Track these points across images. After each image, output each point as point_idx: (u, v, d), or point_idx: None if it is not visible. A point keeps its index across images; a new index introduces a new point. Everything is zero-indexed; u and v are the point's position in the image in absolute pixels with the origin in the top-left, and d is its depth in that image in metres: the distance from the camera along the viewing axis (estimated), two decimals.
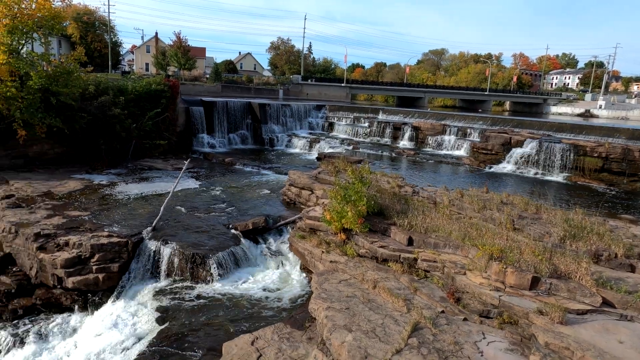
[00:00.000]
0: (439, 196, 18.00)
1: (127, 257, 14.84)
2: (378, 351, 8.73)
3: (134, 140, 29.40)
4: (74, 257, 14.23)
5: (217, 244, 15.85)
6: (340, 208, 14.07)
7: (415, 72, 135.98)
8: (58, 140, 26.22)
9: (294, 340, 10.56)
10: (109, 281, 14.31)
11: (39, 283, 14.67)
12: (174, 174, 25.89)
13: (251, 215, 18.89)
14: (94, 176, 24.35)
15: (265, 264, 16.18)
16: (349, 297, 11.08)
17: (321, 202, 18.82)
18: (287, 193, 21.89)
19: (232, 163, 30.93)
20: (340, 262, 13.61)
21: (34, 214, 17.13)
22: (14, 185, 21.09)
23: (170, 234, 16.13)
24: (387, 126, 41.84)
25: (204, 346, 10.97)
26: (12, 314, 13.93)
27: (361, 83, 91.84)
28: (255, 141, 40.17)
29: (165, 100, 32.39)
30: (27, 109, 22.98)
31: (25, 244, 14.98)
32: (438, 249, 12.98)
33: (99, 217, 17.38)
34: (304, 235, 15.85)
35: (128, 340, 12.03)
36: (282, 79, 76.61)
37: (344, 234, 14.42)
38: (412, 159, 35.14)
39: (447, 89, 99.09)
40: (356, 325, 9.71)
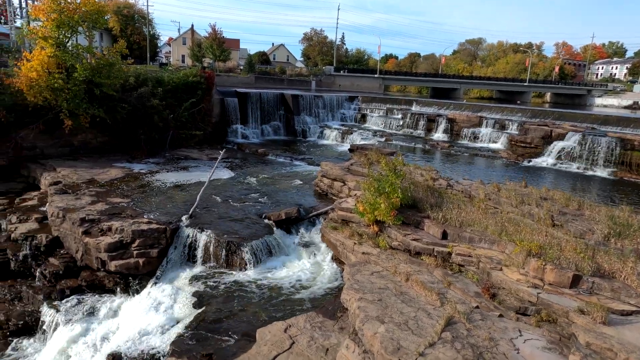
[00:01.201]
0: (474, 190, 17.60)
1: (166, 243, 15.38)
2: (411, 344, 8.71)
3: (171, 131, 30.25)
4: (116, 241, 14.90)
5: (251, 232, 16.17)
6: (374, 200, 14.02)
7: (451, 62, 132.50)
8: (101, 130, 27.35)
9: (326, 329, 10.68)
10: (148, 265, 14.90)
11: (84, 265, 15.45)
12: (209, 163, 26.50)
13: (284, 205, 19.12)
14: (134, 165, 25.27)
15: (298, 253, 16.38)
16: (381, 289, 11.08)
17: (353, 193, 18.81)
18: (319, 184, 21.99)
19: (265, 154, 31.32)
20: (373, 254, 13.61)
21: (80, 200, 18.00)
22: (61, 173, 22.20)
23: (206, 221, 16.58)
24: (421, 118, 41.11)
25: (238, 331, 11.27)
26: (60, 293, 14.78)
27: (394, 74, 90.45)
28: (288, 132, 40.45)
29: (201, 91, 33.09)
30: (73, 99, 24.07)
31: (71, 228, 15.78)
32: (473, 244, 12.73)
33: (139, 204, 18.06)
34: (336, 226, 15.92)
35: (166, 322, 12.52)
36: (314, 70, 76.48)
37: (376, 226, 14.38)
38: (446, 152, 34.44)
39: (483, 79, 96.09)
40: (389, 317, 9.71)
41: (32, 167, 23.39)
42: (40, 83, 23.14)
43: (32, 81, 23.05)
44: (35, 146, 24.81)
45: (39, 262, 15.88)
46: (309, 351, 9.72)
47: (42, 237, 16.20)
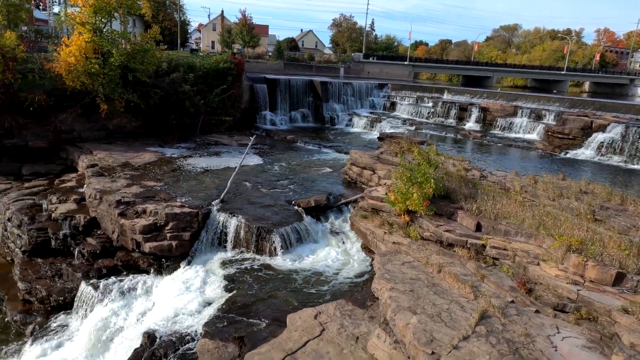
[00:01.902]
0: (509, 181, 17.08)
1: (198, 226, 15.66)
2: (444, 336, 8.58)
3: (202, 116, 30.62)
4: (150, 224, 15.27)
5: (281, 219, 16.25)
6: (406, 189, 13.80)
7: (484, 49, 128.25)
8: (135, 115, 27.96)
9: (356, 317, 10.66)
10: (181, 248, 15.23)
11: (120, 246, 15.94)
12: (239, 149, 26.73)
13: (313, 192, 19.11)
14: (166, 149, 25.77)
15: (327, 241, 16.38)
16: (413, 280, 10.94)
17: (383, 182, 18.58)
18: (348, 172, 21.84)
19: (294, 140, 31.32)
20: (403, 244, 13.44)
21: (115, 183, 18.51)
22: (97, 156, 22.88)
23: (236, 207, 16.76)
24: (453, 107, 40.08)
25: (268, 316, 11.40)
26: (97, 272, 15.33)
27: (424, 61, 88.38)
28: (316, 119, 40.28)
29: (231, 77, 33.26)
30: (108, 84, 24.65)
31: (108, 210, 16.27)
32: (509, 237, 12.38)
33: (171, 187, 18.43)
34: (365, 215, 15.80)
35: (198, 304, 12.79)
36: (343, 56, 75.58)
37: (407, 215, 14.17)
38: (478, 142, 33.53)
39: (518, 67, 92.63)
40: (421, 308, 9.58)
41: (70, 149, 24.20)
42: (78, 68, 23.78)
43: (70, 66, 23.71)
44: (73, 129, 25.62)
45: (78, 242, 16.49)
46: (339, 338, 9.73)
47: (80, 218, 16.78)
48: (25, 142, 23.77)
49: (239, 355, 9.77)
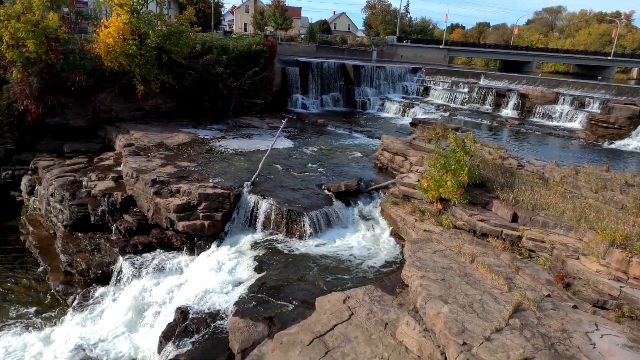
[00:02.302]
0: (548, 172, 16.42)
1: (229, 207, 15.89)
2: (476, 327, 8.42)
3: (234, 98, 30.82)
4: (184, 203, 15.61)
5: (311, 203, 16.27)
6: (439, 177, 13.51)
7: (524, 33, 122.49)
8: (169, 96, 28.44)
9: (385, 304, 10.61)
10: (213, 228, 15.53)
11: (155, 224, 16.41)
12: (270, 132, 26.82)
13: (343, 177, 19.00)
14: (199, 130, 26.17)
15: (356, 226, 16.30)
16: (444, 269, 10.76)
17: (415, 169, 18.24)
18: (379, 158, 21.56)
19: (324, 125, 31.14)
20: (435, 232, 13.22)
21: (151, 162, 18.98)
22: (134, 135, 23.49)
23: (267, 189, 16.88)
24: (489, 92, 38.66)
25: (297, 298, 11.51)
26: (133, 248, 15.88)
27: (460, 45, 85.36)
28: (347, 103, 39.83)
29: (263, 60, 33.21)
30: (145, 65, 25.10)
31: (144, 189, 16.73)
32: (547, 229, 11.94)
33: (204, 168, 18.73)
34: (396, 201, 15.60)
35: (229, 283, 13.06)
36: (376, 40, 73.98)
37: (440, 203, 13.90)
38: (515, 129, 32.30)
39: (561, 52, 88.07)
40: (452, 297, 9.42)
41: (109, 129, 24.94)
42: (116, 49, 24.29)
43: (109, 47, 24.25)
44: (111, 109, 26.35)
45: (115, 218, 17.09)
46: (367, 324, 9.72)
47: (117, 195, 17.35)
48: (66, 120, 24.65)
49: (269, 335, 9.93)
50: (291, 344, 9.01)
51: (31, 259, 18.05)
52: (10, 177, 23.03)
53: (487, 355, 7.65)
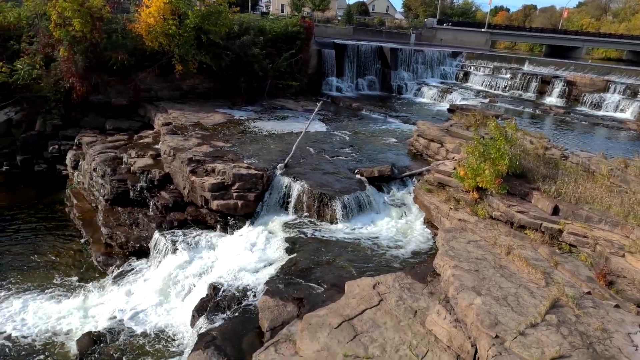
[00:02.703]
0: (594, 164, 15.58)
1: (262, 188, 16.06)
2: (510, 320, 8.19)
3: (270, 80, 30.87)
4: (218, 182, 15.90)
5: (343, 187, 16.20)
6: (477, 165, 13.09)
7: (574, 16, 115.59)
8: (207, 76, 28.82)
9: (415, 291, 10.48)
10: (246, 208, 15.77)
11: (190, 202, 16.83)
12: (304, 114, 26.77)
13: (376, 162, 18.77)
14: (234, 111, 26.44)
15: (388, 212, 16.14)
16: (478, 260, 10.50)
17: (451, 156, 17.78)
18: (414, 144, 21.13)
19: (359, 108, 30.76)
20: (470, 222, 12.90)
21: (187, 141, 19.39)
22: (172, 114, 24.01)
23: (300, 172, 16.92)
24: (534, 79, 36.91)
25: (327, 281, 11.57)
26: (169, 224, 16.39)
27: (504, 28, 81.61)
28: (383, 88, 39.11)
29: (300, 41, 32.96)
30: (183, 45, 25.47)
31: (180, 167, 17.14)
32: (590, 223, 11.40)
33: (238, 149, 18.96)
34: (430, 189, 15.29)
35: (260, 263, 13.28)
36: (415, 22, 71.91)
37: (476, 192, 13.51)
38: (559, 118, 30.79)
39: (614, 37, 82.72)
40: (486, 289, 9.20)
41: (148, 107, 25.60)
42: (157, 29, 24.72)
43: (149, 27, 24.70)
44: (151, 88, 26.99)
45: (153, 194, 17.65)
46: (397, 310, 9.65)
47: (155, 172, 17.87)
48: (109, 99, 25.46)
49: (298, 315, 10.05)
50: (320, 326, 9.09)
51: (75, 230, 18.99)
52: (57, 152, 24.17)
53: (521, 350, 7.45)
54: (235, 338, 10.24)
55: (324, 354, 8.35)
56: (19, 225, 19.13)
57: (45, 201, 21.50)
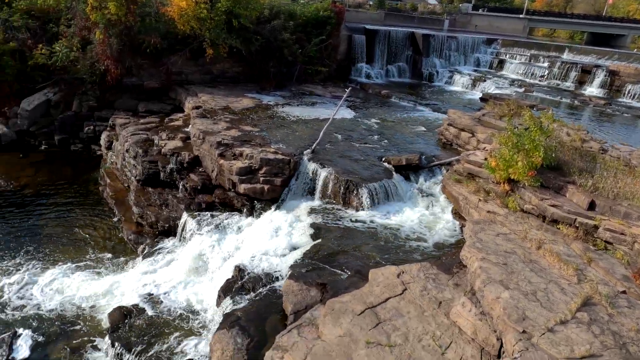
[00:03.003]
0: (635, 158, 14.87)
1: (289, 173, 16.12)
2: (538, 316, 7.98)
3: (299, 65, 30.73)
4: (246, 166, 16.06)
5: (370, 174, 16.07)
6: (510, 156, 12.68)
7: (620, 2, 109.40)
8: (236, 61, 28.94)
9: (440, 282, 10.36)
10: (272, 192, 15.90)
11: (218, 185, 17.10)
12: (332, 101, 26.59)
13: (405, 150, 18.51)
14: (263, 96, 26.53)
15: (415, 202, 15.94)
16: (507, 253, 10.25)
17: (482, 146, 17.32)
18: (444, 133, 20.67)
19: (388, 96, 30.29)
20: (499, 214, 12.57)
21: (217, 125, 19.62)
22: (202, 98, 24.31)
23: (327, 158, 16.88)
24: (573, 68, 35.31)
25: (351, 268, 11.57)
26: (197, 206, 16.74)
27: (544, 14, 78.10)
28: (413, 75, 38.34)
29: (330, 26, 32.58)
30: (214, 29, 25.60)
31: (209, 150, 17.38)
32: (629, 220, 10.90)
33: (266, 133, 19.05)
34: (460, 179, 14.96)
35: (285, 247, 13.42)
36: (449, 7, 69.74)
37: (508, 184, 13.11)
38: (599, 110, 29.43)
39: None
40: (514, 283, 8.98)
41: (179, 90, 26.00)
42: (189, 12, 24.90)
43: (181, 10, 24.90)
44: (182, 72, 27.36)
45: (182, 176, 18.01)
46: (421, 300, 9.57)
47: (185, 155, 18.20)
48: (141, 81, 25.98)
49: (321, 300, 10.13)
50: (343, 312, 9.12)
51: (108, 209, 19.67)
52: (92, 132, 24.98)
53: (549, 347, 7.26)
54: (259, 319, 10.43)
55: (346, 340, 8.39)
56: (57, 200, 20.00)
57: (81, 179, 22.34)
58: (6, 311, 13.42)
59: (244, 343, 9.69)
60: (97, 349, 12.24)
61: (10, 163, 23.18)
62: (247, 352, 9.48)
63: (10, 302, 13.78)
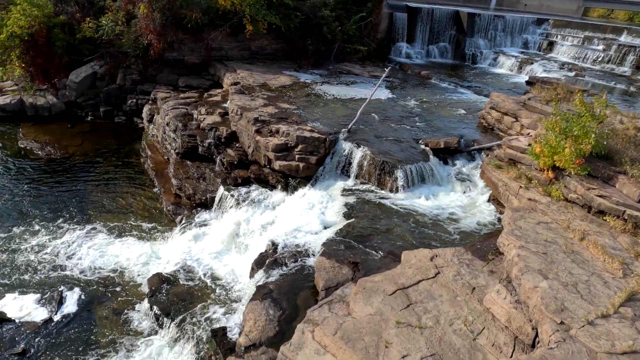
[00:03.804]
0: None
1: (324, 152, 16.09)
2: (578, 308, 7.72)
3: (337, 43, 30.24)
4: (282, 143, 16.15)
5: (406, 156, 15.80)
6: (556, 142, 12.12)
7: None
8: (275, 37, 28.83)
9: (474, 268, 10.17)
10: (307, 170, 15.95)
11: (254, 160, 17.32)
12: (370, 80, 26.13)
13: (443, 133, 18.03)
14: (300, 74, 26.38)
15: (451, 186, 15.59)
16: (547, 242, 9.90)
17: (526, 132, 16.63)
18: (485, 116, 19.95)
19: (428, 77, 29.42)
20: (541, 202, 12.11)
21: (254, 101, 19.74)
22: (240, 74, 24.47)
23: (362, 138, 16.70)
24: (631, 51, 32.93)
25: (383, 249, 11.54)
26: (233, 180, 17.06)
27: None
28: (455, 56, 36.97)
29: (371, 3, 31.76)
30: (254, 5, 25.51)
31: (246, 126, 17.58)
32: None
33: (303, 111, 19.02)
34: (500, 164, 14.48)
35: (317, 224, 13.50)
36: None
37: (552, 172, 12.57)
38: None
39: None
40: (553, 273, 8.69)
41: (218, 66, 26.27)
42: None
43: None
44: (222, 48, 27.55)
45: (219, 151, 18.36)
46: (454, 285, 9.45)
47: (223, 130, 18.50)
48: (182, 56, 26.40)
49: (352, 279, 10.19)
50: (374, 291, 9.15)
51: (148, 180, 20.41)
52: (135, 105, 25.79)
53: (588, 340, 7.02)
54: (291, 293, 10.64)
55: (376, 318, 8.44)
56: (101, 169, 20.97)
57: (124, 150, 23.24)
58: (57, 270, 14.35)
59: (275, 314, 9.94)
60: (136, 310, 12.91)
61: (60, 132, 24.39)
62: (279, 323, 9.73)
63: (60, 261, 14.72)
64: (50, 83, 26.16)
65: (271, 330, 9.68)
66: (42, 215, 17.18)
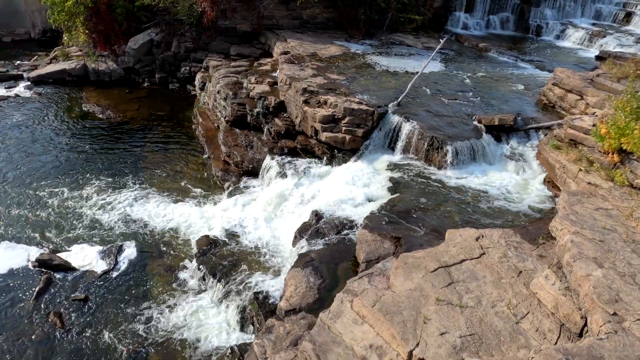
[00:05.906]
0: None
1: (371, 125, 15.85)
2: (634, 300, 7.29)
3: (391, 13, 29.16)
4: (329, 115, 16.06)
5: (457, 132, 15.25)
6: (626, 123, 11.17)
7: None
8: (326, 6, 28.24)
9: (522, 251, 9.82)
10: (352, 143, 15.83)
11: (300, 131, 17.41)
12: (424, 52, 25.13)
13: (498, 110, 17.15)
14: (351, 44, 25.81)
15: (503, 165, 14.93)
16: (606, 230, 9.32)
17: (592, 111, 15.48)
18: (546, 93, 18.69)
19: (486, 49, 27.81)
20: (602, 187, 11.36)
21: (303, 72, 19.63)
22: (290, 44, 24.32)
23: (412, 112, 16.25)
24: None
25: (427, 225, 11.37)
26: (280, 150, 17.29)
27: None
28: (518, 27, 34.52)
29: None
30: None
31: (294, 96, 17.58)
32: None
33: (352, 83, 18.71)
34: (559, 145, 13.65)
35: (361, 197, 13.49)
36: None
37: (617, 155, 11.67)
38: None
39: None
40: (610, 262, 8.21)
41: (269, 35, 26.22)
42: None
43: None
44: (273, 16, 27.41)
45: (267, 121, 18.59)
46: (499, 267, 9.19)
47: (271, 99, 18.64)
48: (234, 25, 26.59)
49: (394, 253, 10.17)
50: (415, 267, 9.09)
51: (199, 146, 21.13)
52: (188, 73, 26.47)
53: None
54: (332, 263, 10.82)
55: (416, 294, 8.42)
56: (156, 134, 21.96)
57: (177, 117, 24.10)
58: (116, 225, 15.45)
59: (316, 282, 10.17)
60: (185, 269, 13.69)
61: (119, 97, 25.64)
62: (319, 291, 9.97)
63: (118, 217, 15.79)
64: (111, 49, 27.34)
65: (311, 297, 9.94)
66: (103, 174, 18.40)
